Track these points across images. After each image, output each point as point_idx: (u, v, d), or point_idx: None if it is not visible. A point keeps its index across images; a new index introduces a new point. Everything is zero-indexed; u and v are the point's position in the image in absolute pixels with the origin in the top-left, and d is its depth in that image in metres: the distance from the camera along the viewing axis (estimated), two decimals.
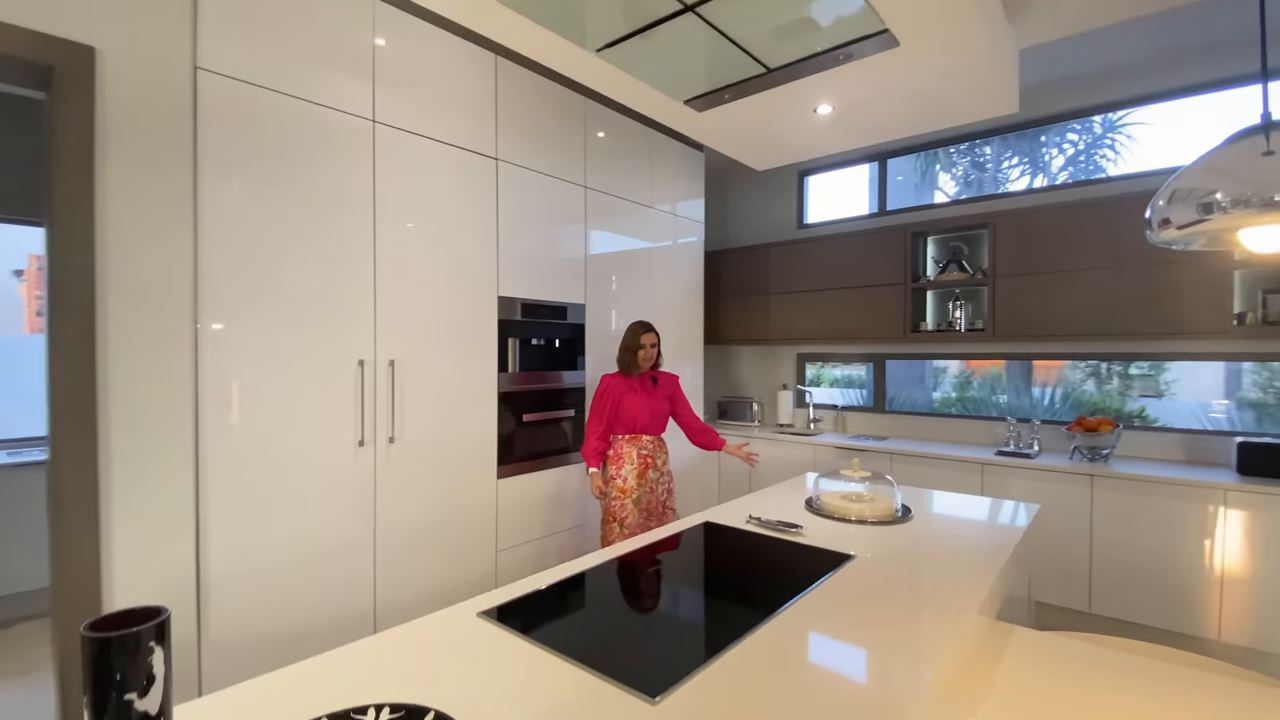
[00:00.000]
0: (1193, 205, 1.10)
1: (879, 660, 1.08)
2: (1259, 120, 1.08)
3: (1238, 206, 1.04)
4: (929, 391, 4.29)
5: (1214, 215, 1.06)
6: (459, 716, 0.86)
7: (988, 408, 3.95)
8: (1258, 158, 1.06)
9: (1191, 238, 1.21)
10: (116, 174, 1.71)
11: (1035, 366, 3.80)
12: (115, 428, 1.73)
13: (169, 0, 1.80)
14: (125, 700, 0.61)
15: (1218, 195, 1.06)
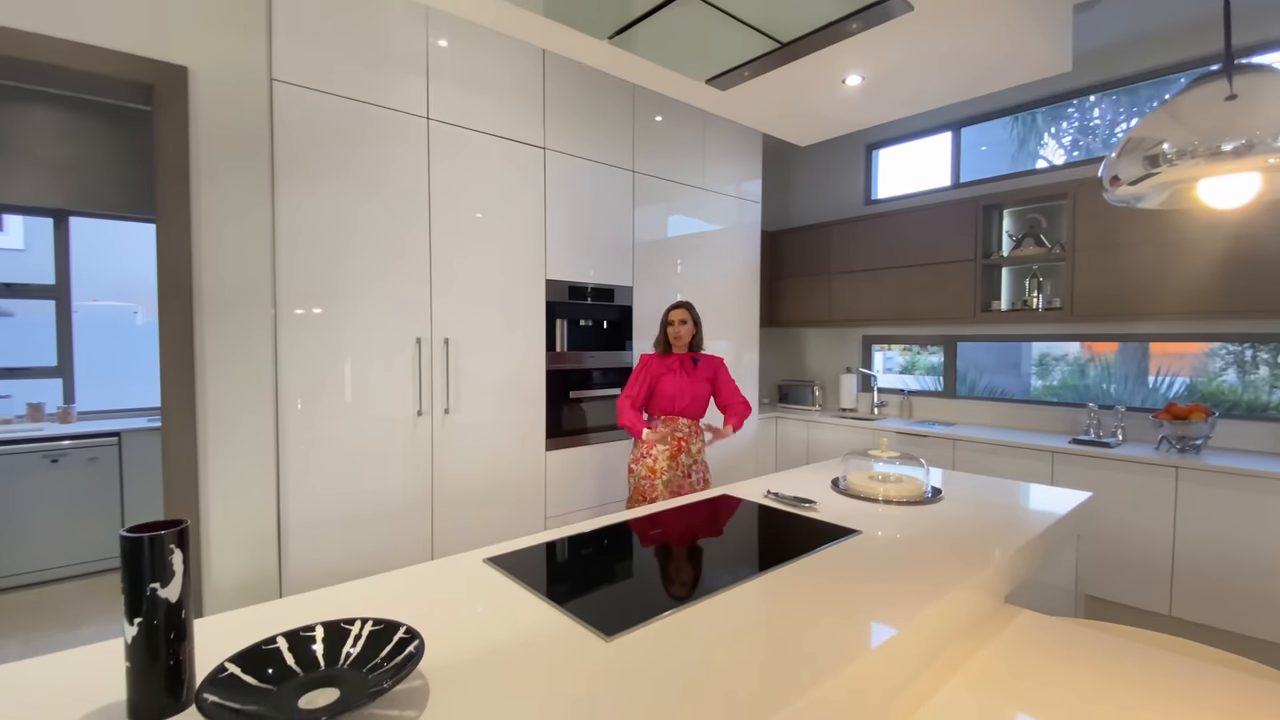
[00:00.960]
0: (1139, 159, 1.00)
1: (836, 621, 1.11)
2: (1221, 65, 0.96)
3: (1184, 157, 0.94)
4: (1025, 378, 3.96)
5: (1160, 168, 0.97)
6: (436, 635, 1.00)
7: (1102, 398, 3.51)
8: (1219, 103, 0.95)
9: (1143, 194, 1.11)
10: (207, 177, 2.00)
11: (1153, 351, 3.38)
12: (209, 398, 2.04)
13: (249, 21, 2.06)
14: (151, 588, 0.79)
15: (1164, 146, 0.96)
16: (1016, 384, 3.98)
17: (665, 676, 0.92)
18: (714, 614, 1.13)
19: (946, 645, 1.24)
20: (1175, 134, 0.97)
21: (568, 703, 0.85)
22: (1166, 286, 2.90)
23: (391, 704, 0.83)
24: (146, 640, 0.79)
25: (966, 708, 1.05)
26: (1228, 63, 0.98)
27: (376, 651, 0.89)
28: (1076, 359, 3.72)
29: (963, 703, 1.06)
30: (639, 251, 3.29)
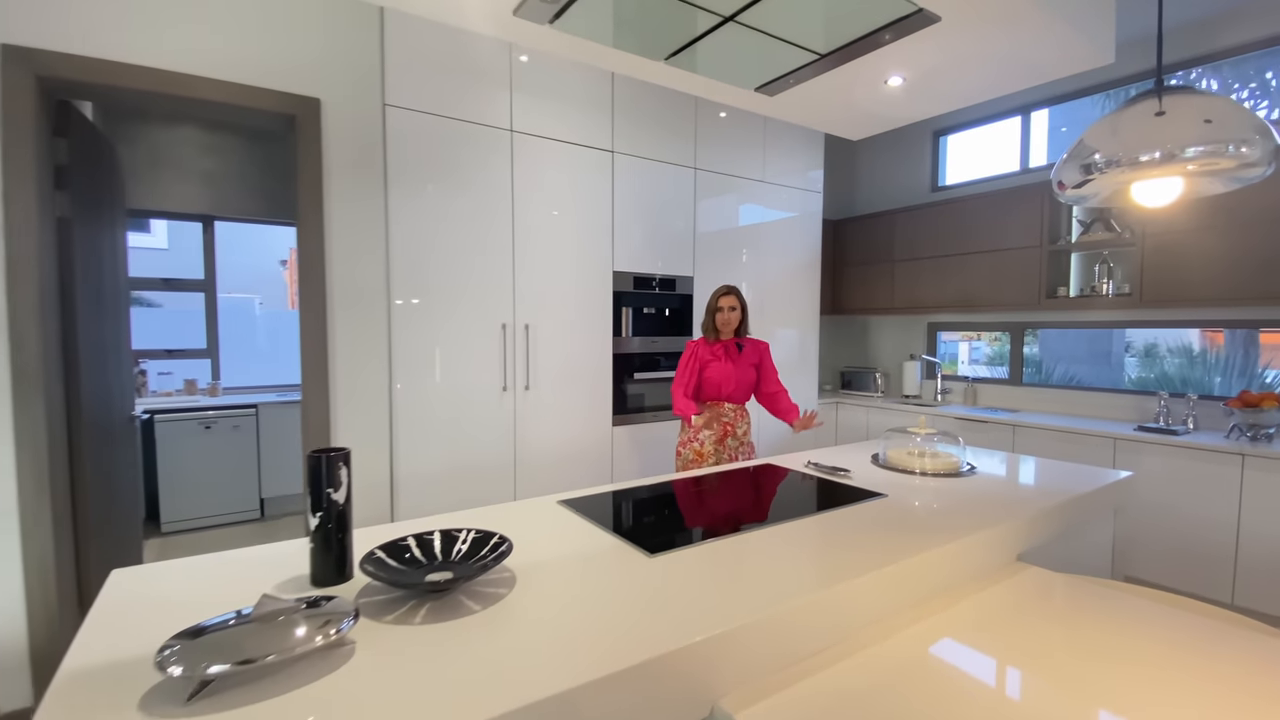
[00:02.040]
0: (1077, 167, 1.14)
1: (842, 554, 1.33)
2: (1151, 83, 1.08)
3: (1111, 166, 1.07)
4: (1116, 367, 3.84)
5: (1093, 175, 1.10)
6: (520, 548, 1.31)
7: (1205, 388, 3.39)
8: (1150, 118, 1.07)
9: (1085, 196, 1.23)
10: (336, 189, 2.42)
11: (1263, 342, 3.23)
12: (339, 375, 2.47)
13: (366, 56, 2.46)
14: (327, 492, 1.13)
15: (1095, 156, 1.10)
16: (1106, 373, 3.87)
17: (690, 581, 1.18)
18: (738, 545, 1.38)
19: (950, 585, 1.43)
20: (1108, 145, 1.11)
21: (616, 592, 1.14)
22: (1240, 271, 2.83)
23: (489, 584, 1.15)
24: (323, 529, 1.14)
25: (945, 632, 1.25)
26: (1158, 83, 1.11)
27: (477, 551, 1.21)
28: (1184, 348, 3.57)
29: (944, 629, 1.26)
30: (700, 243, 3.52)
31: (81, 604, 2.24)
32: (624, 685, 0.89)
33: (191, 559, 1.29)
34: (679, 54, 1.95)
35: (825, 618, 1.16)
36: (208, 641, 0.84)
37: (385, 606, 1.06)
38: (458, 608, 1.06)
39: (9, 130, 1.95)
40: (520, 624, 1.01)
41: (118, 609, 1.06)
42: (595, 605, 1.08)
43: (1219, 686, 1.03)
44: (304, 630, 0.88)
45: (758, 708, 0.97)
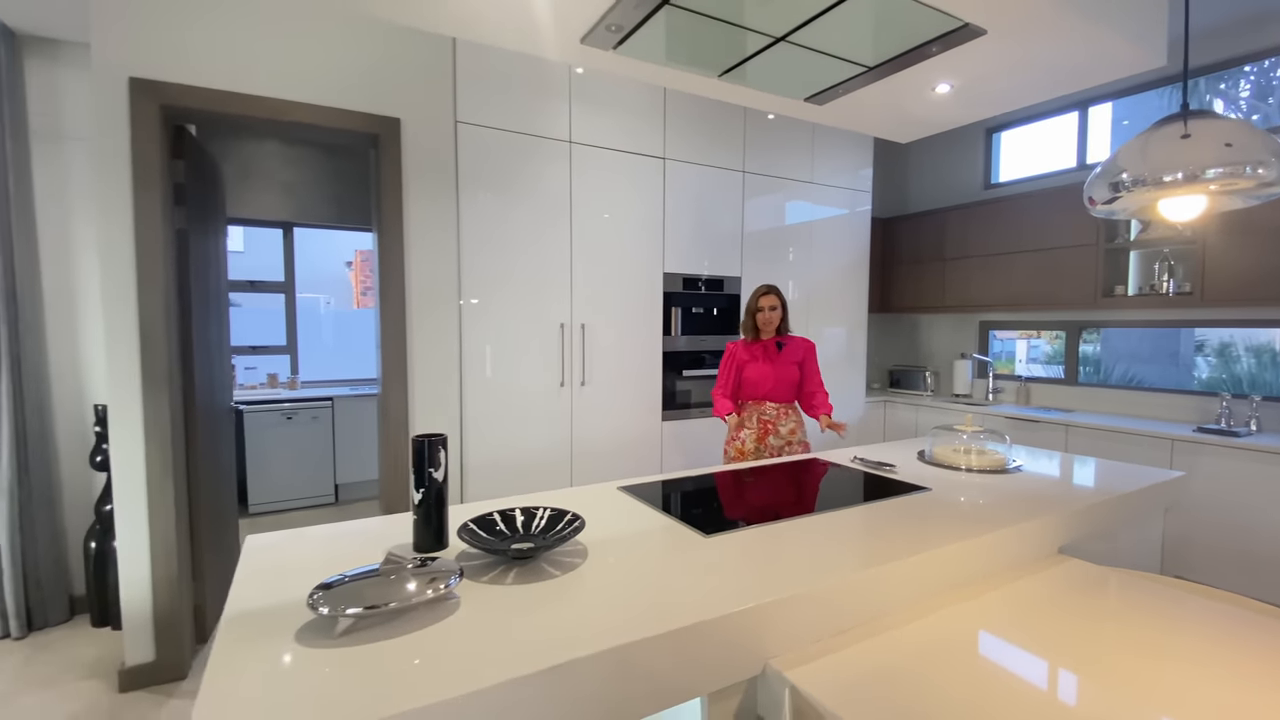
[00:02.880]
0: (1106, 185, 1.20)
1: (883, 540, 1.44)
2: (1179, 109, 1.13)
3: (1138, 185, 1.13)
4: (1184, 370, 3.74)
5: (1120, 193, 1.16)
6: (588, 527, 1.47)
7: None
8: (1176, 140, 1.12)
9: (1114, 211, 1.28)
10: (413, 200, 2.64)
11: None
12: (416, 369, 2.69)
13: (440, 78, 2.67)
14: (429, 471, 1.31)
15: (1123, 176, 1.16)
16: (1173, 374, 3.76)
17: (742, 558, 1.31)
18: (785, 530, 1.50)
19: (989, 573, 1.51)
20: (1136, 165, 1.17)
21: (676, 565, 1.28)
22: None
23: (565, 554, 1.31)
24: (425, 503, 1.32)
25: (979, 615, 1.34)
26: (1184, 108, 1.16)
27: (553, 526, 1.37)
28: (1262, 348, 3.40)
29: (979, 612, 1.35)
30: (747, 244, 3.62)
31: (195, 573, 2.53)
32: (685, 641, 1.03)
33: (307, 529, 1.50)
34: (731, 71, 2.07)
35: (866, 596, 1.27)
36: (344, 590, 1.03)
37: (480, 570, 1.24)
38: (540, 573, 1.22)
39: (137, 154, 2.23)
40: (594, 588, 1.16)
41: (258, 568, 1.26)
42: (658, 576, 1.23)
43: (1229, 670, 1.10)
44: (419, 584, 1.06)
45: (806, 669, 1.10)
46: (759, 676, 1.13)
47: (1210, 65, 3.36)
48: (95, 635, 2.71)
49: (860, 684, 1.05)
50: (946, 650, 1.16)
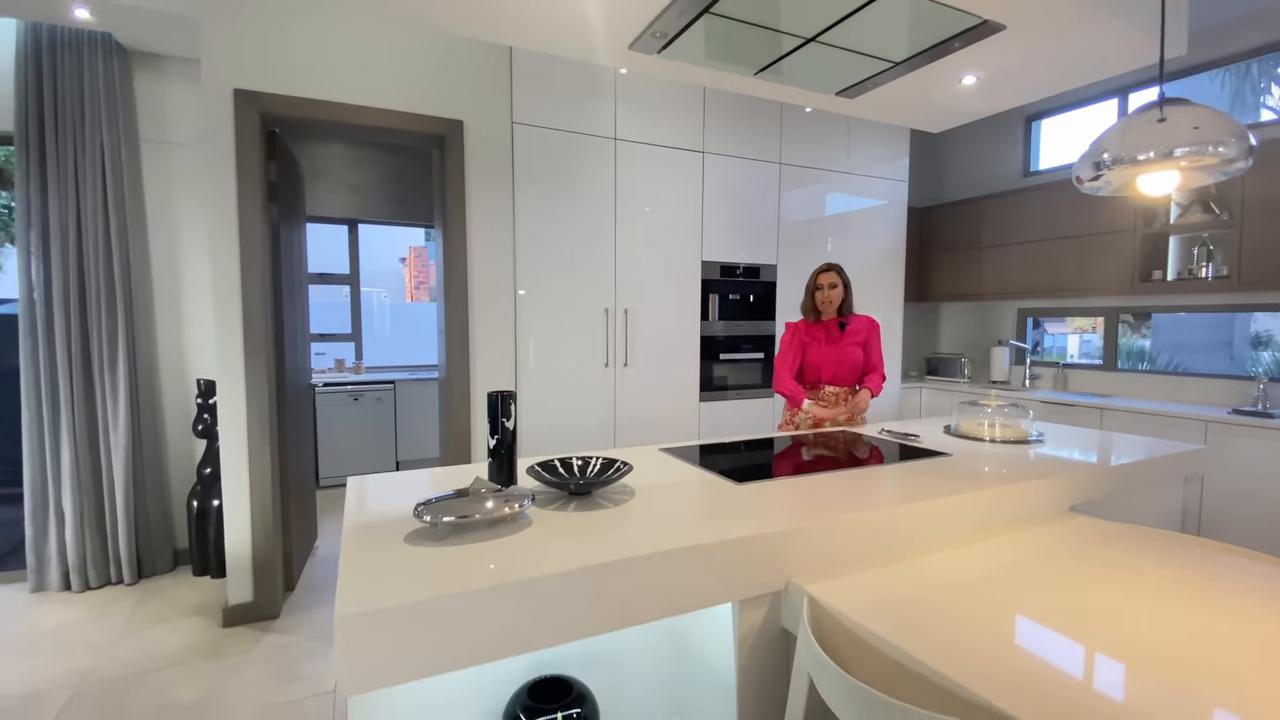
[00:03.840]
0: (1090, 164, 1.33)
1: (899, 489, 1.61)
2: (1157, 97, 1.25)
3: (1118, 164, 1.26)
4: (1239, 358, 3.67)
5: (1103, 171, 1.29)
6: (635, 476, 1.68)
7: None
8: (1153, 124, 1.25)
9: (1099, 187, 1.41)
10: (474, 196, 2.90)
11: None
12: (477, 352, 2.96)
13: (498, 83, 2.92)
14: (502, 420, 1.55)
15: (1105, 155, 1.29)
16: (1225, 364, 3.70)
17: (769, 501, 1.51)
18: (810, 482, 1.69)
19: (999, 524, 1.66)
20: (1116, 146, 1.31)
21: (712, 504, 1.48)
22: None
23: (616, 493, 1.53)
24: (499, 447, 1.55)
25: (984, 553, 1.49)
26: (1160, 96, 1.29)
27: (604, 470, 1.59)
28: None
29: (984, 552, 1.51)
30: (783, 233, 3.77)
31: (284, 528, 2.85)
32: (716, 555, 1.23)
33: (394, 474, 1.76)
34: (766, 69, 2.25)
35: (879, 533, 1.44)
36: (441, 504, 1.27)
37: (545, 501, 1.47)
38: (595, 505, 1.45)
39: (241, 157, 2.54)
40: (641, 517, 1.37)
41: (361, 499, 1.52)
42: (696, 511, 1.44)
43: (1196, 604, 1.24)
44: (497, 503, 1.29)
45: (823, 584, 1.29)
46: (782, 591, 1.32)
47: (1258, 48, 3.34)
48: (196, 582, 3.08)
49: (869, 598, 1.23)
50: (947, 578, 1.33)
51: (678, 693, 1.55)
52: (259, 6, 2.53)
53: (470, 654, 1.02)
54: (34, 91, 2.86)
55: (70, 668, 2.30)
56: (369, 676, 0.95)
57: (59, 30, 2.87)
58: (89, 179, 2.91)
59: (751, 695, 1.31)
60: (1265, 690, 0.91)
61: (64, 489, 2.93)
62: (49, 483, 2.94)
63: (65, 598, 2.91)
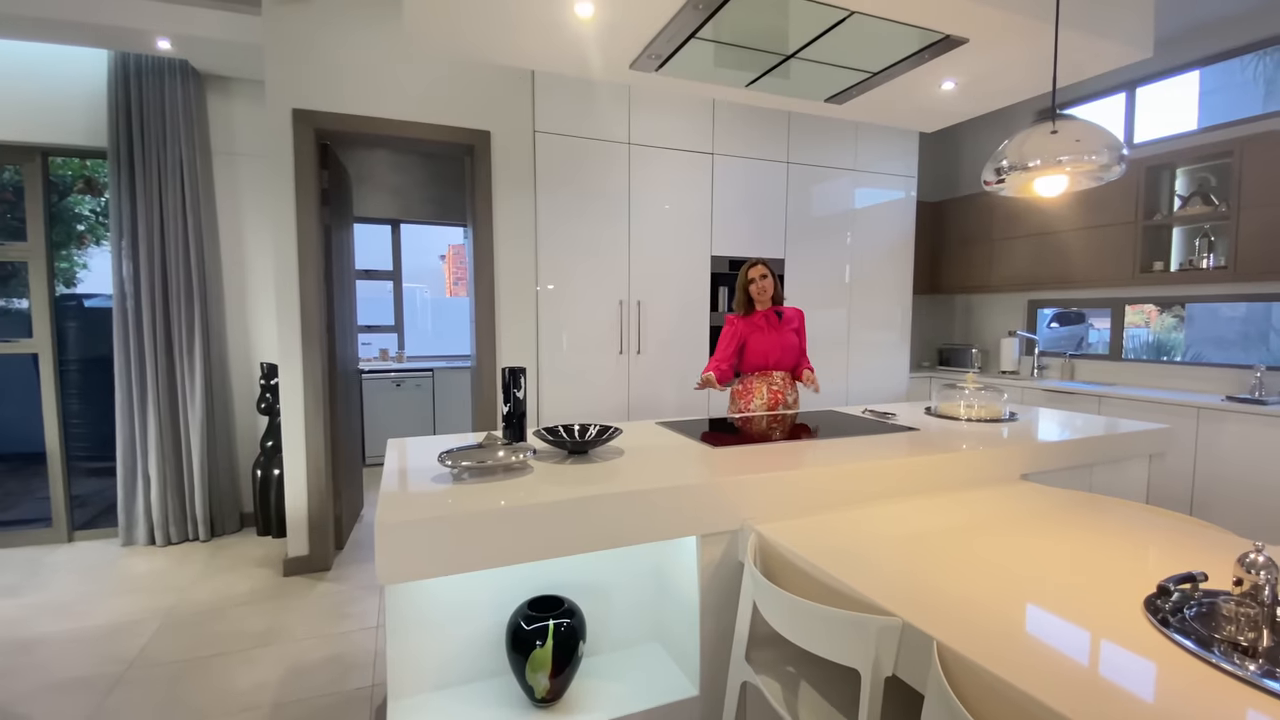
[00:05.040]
0: (993, 169, 1.53)
1: (855, 453, 1.85)
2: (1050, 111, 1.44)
3: (1013, 170, 1.46)
4: (1276, 351, 3.56)
5: (1003, 176, 1.49)
6: (627, 438, 1.96)
7: None
8: (1047, 135, 1.44)
9: (1002, 189, 1.61)
10: (500, 200, 3.22)
11: None
12: (503, 342, 3.29)
13: (521, 96, 3.23)
14: (515, 392, 1.85)
15: (1004, 162, 1.49)
16: (1263, 355, 3.67)
17: (740, 462, 1.77)
18: (782, 449, 1.94)
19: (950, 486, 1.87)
20: (1013, 154, 1.51)
21: (689, 464, 1.75)
22: None
23: (609, 452, 1.81)
24: (511, 413, 1.86)
25: (922, 508, 1.72)
26: (1053, 110, 1.49)
27: (600, 435, 1.88)
28: None
29: (926, 505, 1.73)
30: (791, 228, 3.98)
31: (335, 493, 3.24)
32: (682, 496, 1.50)
33: (428, 437, 2.08)
34: (756, 81, 2.49)
35: (827, 487, 1.69)
36: (460, 453, 1.57)
37: (547, 457, 1.76)
38: (589, 461, 1.74)
39: (299, 168, 2.92)
40: (628, 469, 1.66)
41: (400, 453, 1.85)
42: (673, 466, 1.71)
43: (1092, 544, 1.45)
44: (506, 453, 1.59)
45: (772, 525, 1.55)
46: (739, 530, 1.59)
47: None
48: (260, 541, 3.50)
49: (808, 537, 1.49)
50: (883, 522, 1.57)
51: (656, 616, 1.84)
52: (314, 37, 2.90)
53: (479, 560, 1.32)
54: (123, 112, 3.30)
55: (159, 604, 2.73)
56: (399, 571, 1.26)
57: (144, 59, 3.31)
58: (170, 188, 3.35)
59: (710, 617, 1.59)
60: (1062, 587, 1.14)
61: (150, 457, 3.39)
62: (137, 452, 3.40)
63: (150, 551, 3.36)
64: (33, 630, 2.48)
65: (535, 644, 1.48)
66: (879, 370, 4.42)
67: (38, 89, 3.27)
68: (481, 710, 1.54)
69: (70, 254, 3.66)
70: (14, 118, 3.24)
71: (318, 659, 2.28)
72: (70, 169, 3.59)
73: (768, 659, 1.45)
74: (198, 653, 2.32)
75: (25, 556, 3.26)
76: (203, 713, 1.99)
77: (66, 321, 3.53)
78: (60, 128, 3.32)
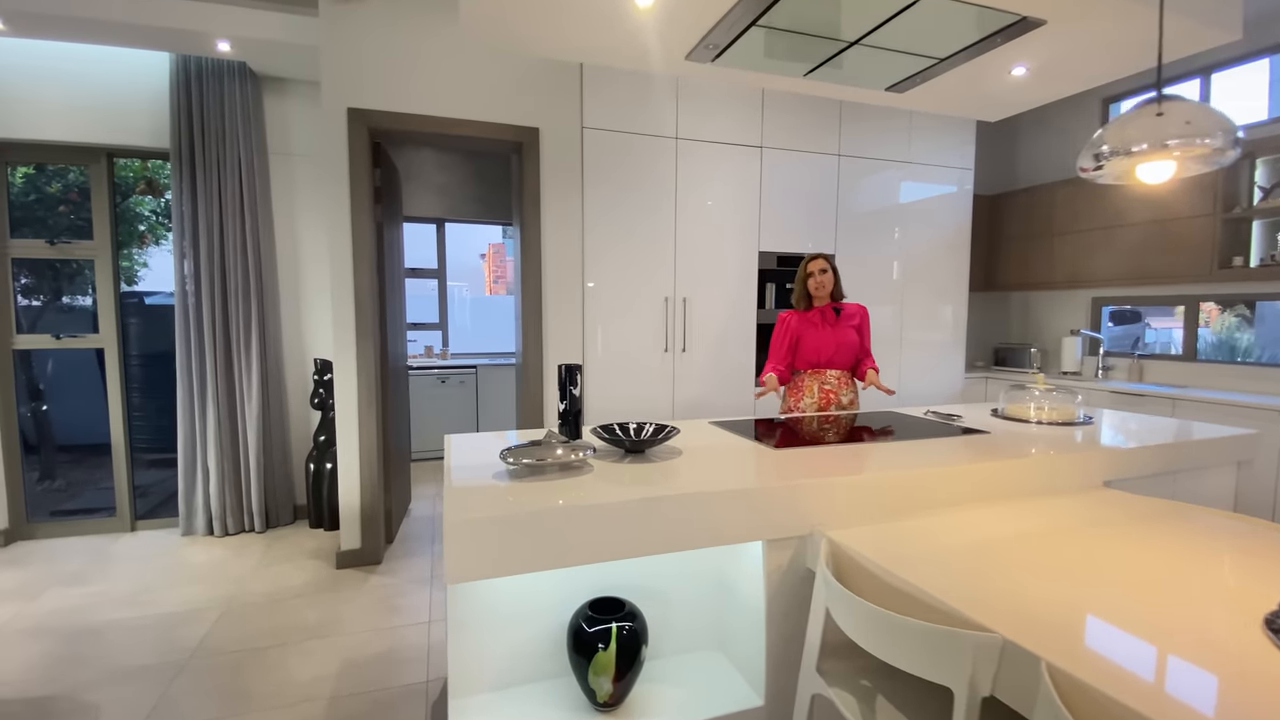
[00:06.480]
0: (1090, 155, 1.41)
1: (925, 457, 1.76)
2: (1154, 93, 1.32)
3: (1114, 155, 1.34)
4: None
5: (1101, 163, 1.37)
6: (685, 438, 1.92)
7: None
8: (1152, 117, 1.32)
9: (1100, 176, 1.48)
10: (548, 196, 3.21)
11: None
12: (550, 339, 3.28)
13: (569, 92, 3.21)
14: (570, 389, 1.82)
15: (1104, 147, 1.37)
16: None
17: (803, 463, 1.71)
18: (846, 450, 1.87)
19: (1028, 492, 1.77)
20: (1115, 138, 1.39)
21: (750, 464, 1.70)
22: None
23: (666, 452, 1.77)
24: (567, 412, 1.83)
25: (1000, 515, 1.63)
26: (1159, 92, 1.36)
27: (657, 434, 1.84)
28: None
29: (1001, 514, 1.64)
30: (842, 223, 3.87)
31: (385, 487, 3.27)
32: (747, 500, 1.45)
33: (485, 433, 2.07)
34: (814, 71, 2.41)
35: (900, 492, 1.61)
36: (520, 450, 1.55)
37: (603, 455, 1.73)
38: (647, 460, 1.69)
39: (353, 166, 2.95)
40: (687, 470, 1.61)
41: (460, 449, 1.83)
42: (735, 468, 1.66)
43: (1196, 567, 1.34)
44: (565, 451, 1.56)
45: (844, 531, 1.48)
46: (807, 536, 1.53)
47: None
48: (312, 533, 3.57)
49: (883, 541, 1.42)
50: (961, 529, 1.49)
51: (715, 621, 1.78)
52: (368, 36, 2.93)
53: (549, 560, 1.29)
54: (185, 114, 3.39)
55: (219, 593, 2.79)
56: (467, 570, 1.24)
57: (204, 62, 3.40)
58: (229, 188, 3.43)
59: (776, 625, 1.53)
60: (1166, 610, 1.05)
61: (209, 450, 3.49)
62: (197, 446, 3.50)
63: (209, 541, 3.46)
64: (100, 618, 2.57)
65: (598, 647, 1.45)
66: (932, 370, 4.27)
67: (103, 92, 3.39)
68: (542, 712, 1.51)
69: (131, 253, 3.78)
70: (81, 120, 3.37)
71: (372, 653, 2.30)
72: (131, 171, 3.71)
73: (840, 670, 1.39)
74: (257, 643, 2.36)
75: (91, 545, 3.39)
76: (262, 702, 2.02)
77: (128, 318, 3.66)
78: (125, 129, 3.43)
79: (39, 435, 3.67)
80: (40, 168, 3.54)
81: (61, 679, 2.14)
